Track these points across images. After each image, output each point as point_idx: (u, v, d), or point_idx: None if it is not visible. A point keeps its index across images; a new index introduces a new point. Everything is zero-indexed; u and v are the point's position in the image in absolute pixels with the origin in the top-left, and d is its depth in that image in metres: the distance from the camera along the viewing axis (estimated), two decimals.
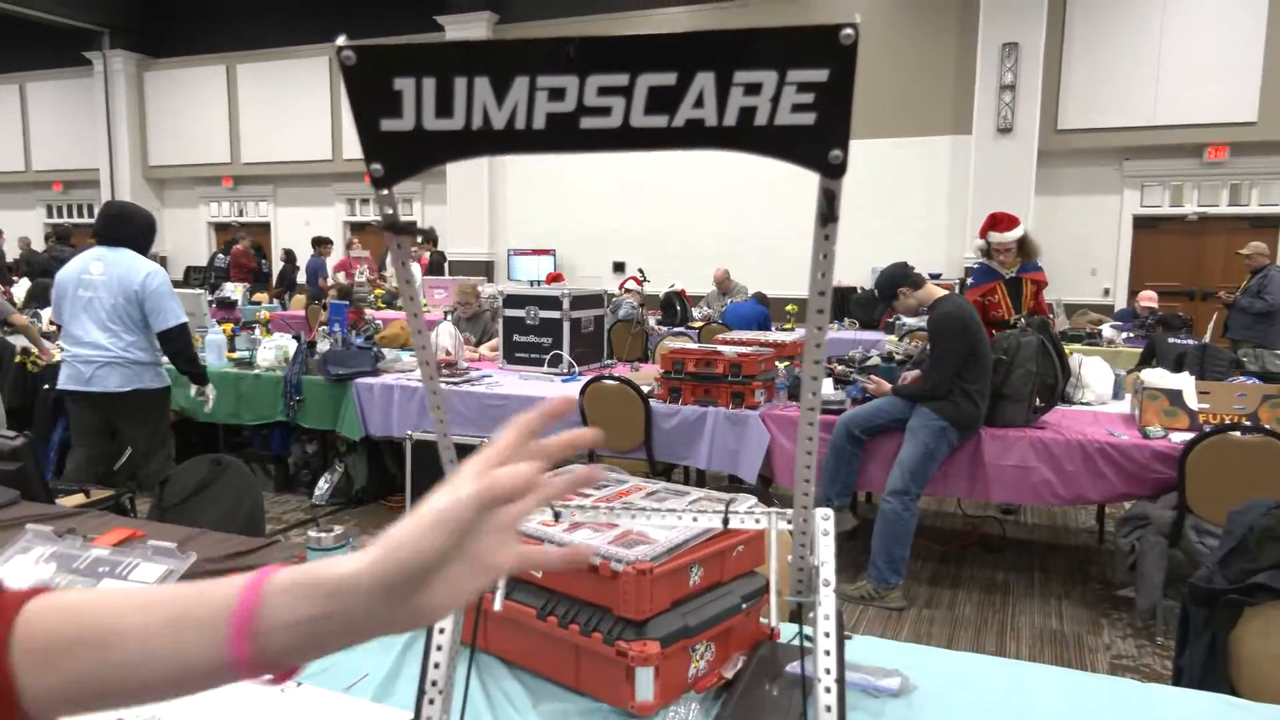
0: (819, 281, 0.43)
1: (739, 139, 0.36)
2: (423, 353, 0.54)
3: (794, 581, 0.64)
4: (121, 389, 3.83)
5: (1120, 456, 3.49)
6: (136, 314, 3.80)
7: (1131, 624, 3.62)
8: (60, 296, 3.85)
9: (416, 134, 0.40)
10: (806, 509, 0.56)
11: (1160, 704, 1.38)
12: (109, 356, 3.80)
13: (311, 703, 1.06)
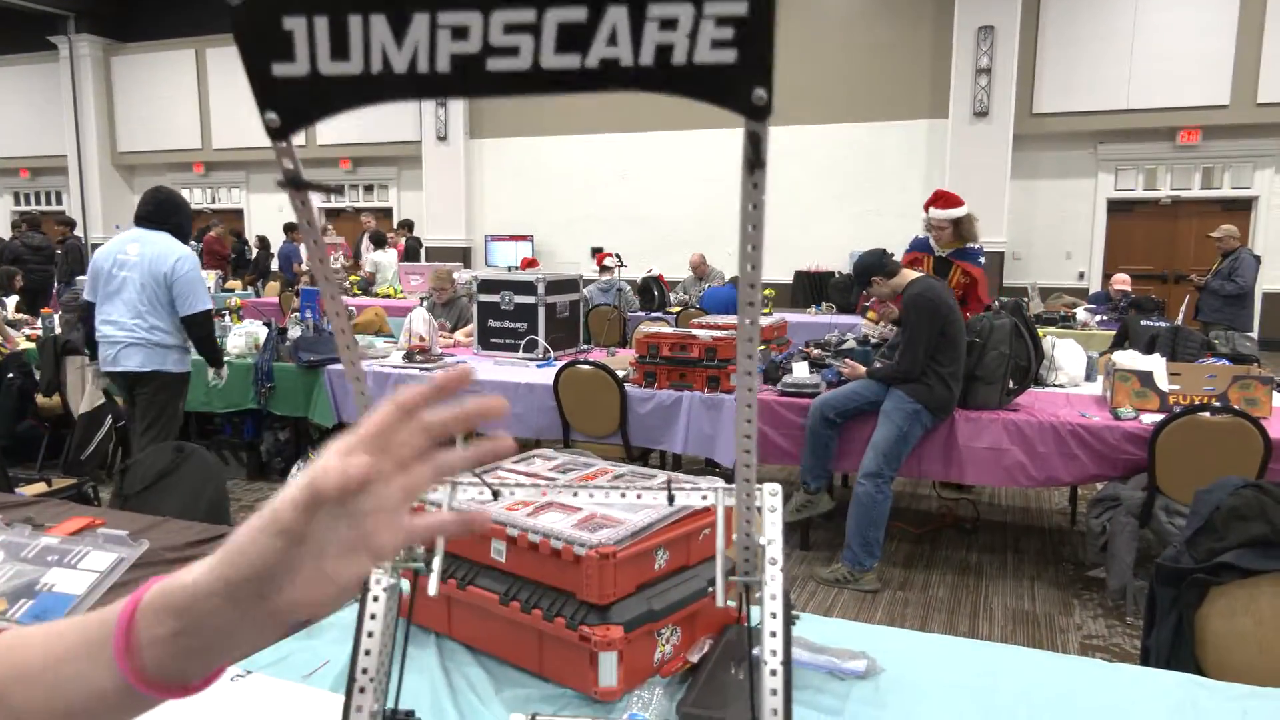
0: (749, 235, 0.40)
1: (657, 80, 0.34)
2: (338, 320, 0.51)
3: (741, 560, 0.61)
4: (142, 369, 3.95)
5: (1092, 438, 3.51)
6: (165, 296, 3.92)
7: (1102, 604, 3.65)
8: (95, 276, 3.97)
9: (312, 79, 0.37)
10: (749, 484, 0.54)
11: (1127, 683, 1.38)
12: (133, 337, 3.92)
13: (260, 693, 1.03)
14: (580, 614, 1.31)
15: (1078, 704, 1.32)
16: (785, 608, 0.59)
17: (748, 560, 0.61)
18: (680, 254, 10.55)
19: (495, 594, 1.40)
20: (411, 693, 1.35)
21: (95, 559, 1.31)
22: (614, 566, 1.30)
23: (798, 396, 4.05)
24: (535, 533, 1.35)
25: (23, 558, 1.33)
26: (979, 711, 1.29)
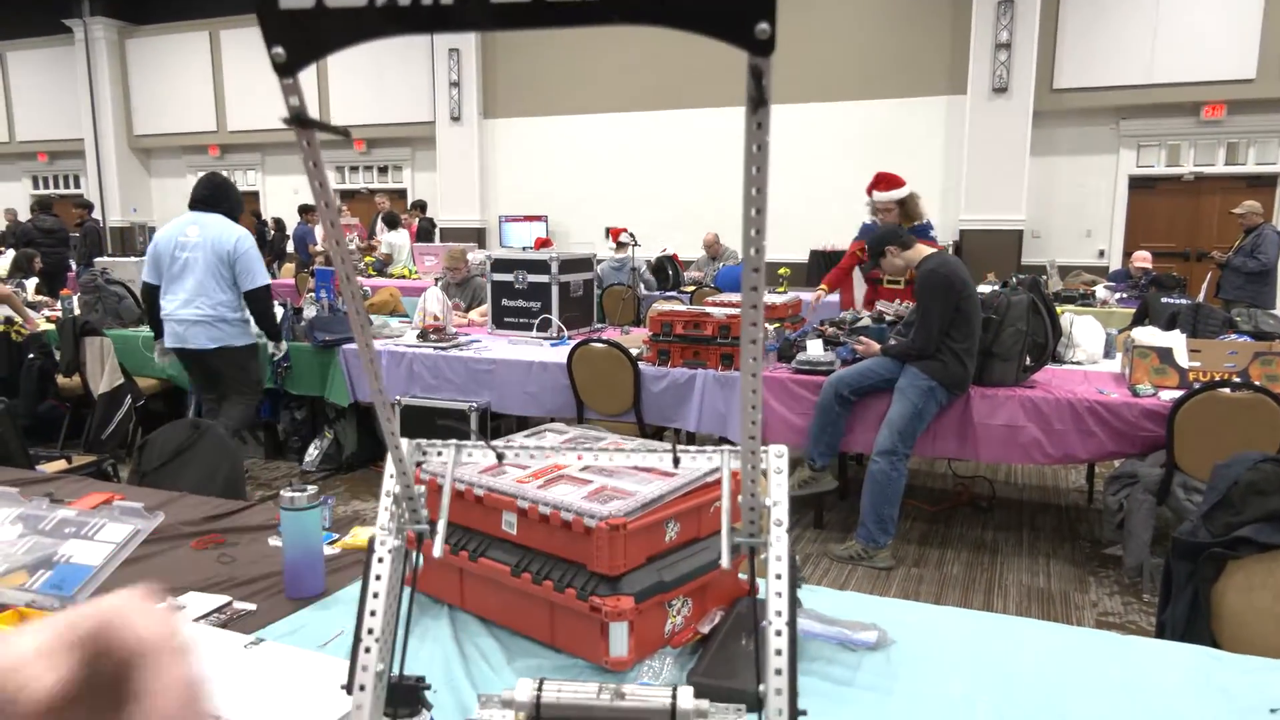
0: (753, 177, 0.39)
1: (658, 12, 0.33)
2: (348, 285, 0.51)
3: (745, 523, 0.61)
4: (210, 346, 4.25)
5: (1109, 415, 3.48)
6: (228, 274, 4.21)
7: (1118, 581, 3.64)
8: (157, 259, 4.24)
9: (318, 12, 0.36)
10: (755, 440, 0.54)
11: (1142, 656, 1.38)
12: (200, 316, 4.22)
13: (273, 658, 1.05)
14: (591, 585, 1.32)
15: (1092, 676, 1.31)
16: (791, 569, 0.59)
17: (753, 522, 0.60)
18: (694, 233, 10.50)
19: (507, 566, 1.40)
20: (424, 662, 1.36)
21: (112, 531, 1.32)
22: (624, 538, 1.30)
23: (812, 374, 4.04)
24: (546, 505, 1.36)
25: (40, 530, 1.35)
26: (992, 683, 1.29)
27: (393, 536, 0.66)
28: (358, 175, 14.59)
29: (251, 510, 2.03)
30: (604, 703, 0.80)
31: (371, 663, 0.61)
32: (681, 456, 0.66)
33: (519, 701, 0.80)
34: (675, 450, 0.66)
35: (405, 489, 0.65)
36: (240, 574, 1.67)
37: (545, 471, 1.49)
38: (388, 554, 0.65)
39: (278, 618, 1.49)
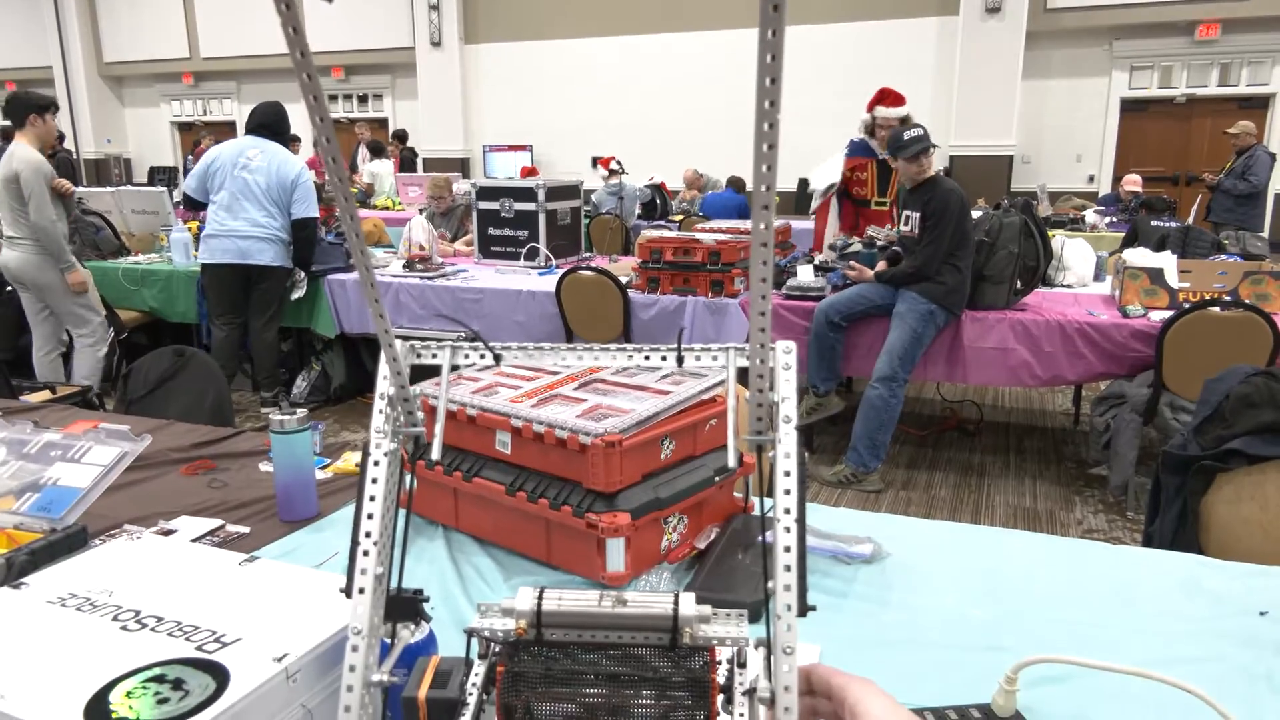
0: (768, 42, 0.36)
1: None
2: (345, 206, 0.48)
3: (752, 420, 0.59)
4: (272, 264, 4.50)
5: (1099, 336, 3.49)
6: (285, 200, 4.47)
7: (1103, 500, 3.70)
8: (215, 174, 4.44)
9: None
10: (764, 335, 0.51)
11: (1131, 564, 1.39)
12: (266, 233, 4.45)
13: (268, 574, 1.04)
14: (587, 502, 1.31)
15: (1082, 584, 1.33)
16: (800, 466, 0.57)
17: (760, 419, 0.59)
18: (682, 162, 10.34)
19: (501, 485, 1.40)
20: (421, 581, 1.36)
21: (98, 454, 1.30)
22: (620, 455, 1.29)
23: (802, 300, 4.02)
24: (540, 423, 1.34)
25: (25, 454, 1.32)
26: (984, 594, 1.30)
27: (388, 439, 0.64)
28: (336, 104, 14.23)
29: (241, 436, 2.01)
30: (605, 610, 0.79)
31: (370, 566, 0.60)
32: (685, 355, 0.64)
33: (519, 610, 0.79)
34: (680, 349, 0.64)
35: (400, 390, 0.63)
36: (232, 498, 1.66)
37: (539, 391, 1.48)
38: (384, 457, 0.63)
39: (271, 540, 1.49)
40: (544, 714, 0.78)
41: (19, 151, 4.16)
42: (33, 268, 4.31)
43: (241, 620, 0.93)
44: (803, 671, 0.60)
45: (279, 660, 0.85)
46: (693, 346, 0.64)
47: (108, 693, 0.80)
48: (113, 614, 0.94)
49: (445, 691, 0.78)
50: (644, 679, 0.78)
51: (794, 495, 0.57)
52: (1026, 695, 0.99)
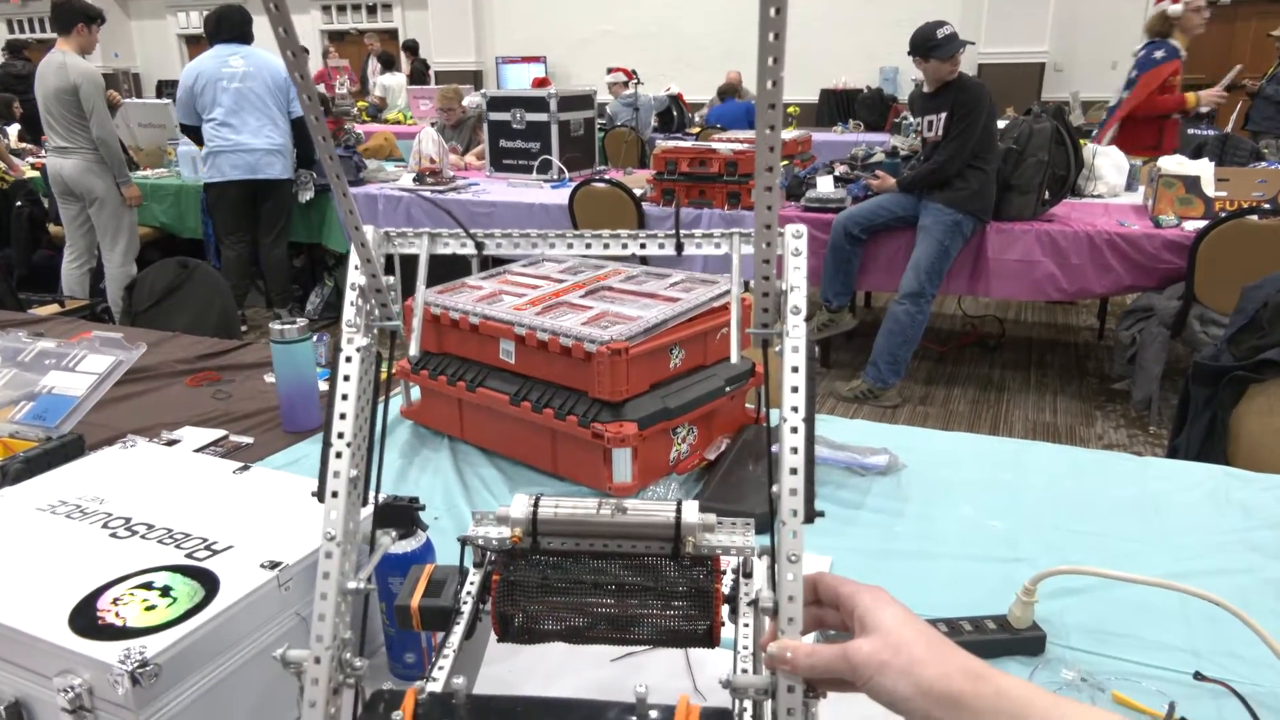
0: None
1: None
2: (322, 144, 0.41)
3: (758, 311, 0.54)
4: (280, 176, 4.37)
5: (1129, 247, 3.37)
6: (284, 102, 4.28)
7: (1125, 415, 3.64)
8: (202, 92, 4.20)
9: None
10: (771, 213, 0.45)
11: (1156, 475, 1.34)
12: (273, 145, 4.29)
13: (263, 484, 1.01)
14: (593, 412, 1.27)
15: (1106, 496, 1.28)
16: (809, 361, 0.52)
17: (766, 310, 0.53)
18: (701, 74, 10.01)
19: (505, 395, 1.36)
20: (425, 491, 1.34)
21: (92, 362, 1.27)
22: (626, 363, 1.24)
23: (821, 212, 3.90)
24: (544, 331, 1.29)
25: (20, 362, 1.30)
26: (1003, 505, 1.26)
27: (360, 334, 0.59)
28: (345, 15, 13.83)
29: (246, 349, 1.98)
30: (604, 518, 0.76)
31: (343, 468, 0.56)
32: (685, 243, 0.58)
33: (514, 517, 0.76)
34: (679, 235, 0.58)
35: (372, 279, 0.58)
36: (236, 409, 1.64)
37: (544, 299, 1.42)
38: (355, 353, 0.59)
39: (275, 450, 1.47)
40: (541, 624, 0.76)
41: (72, 62, 4.10)
42: (91, 178, 4.27)
43: (233, 528, 0.90)
44: (809, 581, 0.56)
45: (271, 568, 0.83)
46: (693, 233, 0.58)
47: (95, 599, 0.78)
48: (102, 521, 0.92)
49: (439, 600, 0.76)
50: (645, 589, 0.75)
51: (802, 393, 0.52)
52: (1045, 607, 0.96)
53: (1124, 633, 0.95)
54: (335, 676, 0.55)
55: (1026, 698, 0.45)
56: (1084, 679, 0.88)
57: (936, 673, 0.47)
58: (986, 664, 0.48)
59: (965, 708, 0.45)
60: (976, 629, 0.94)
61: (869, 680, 0.48)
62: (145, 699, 0.71)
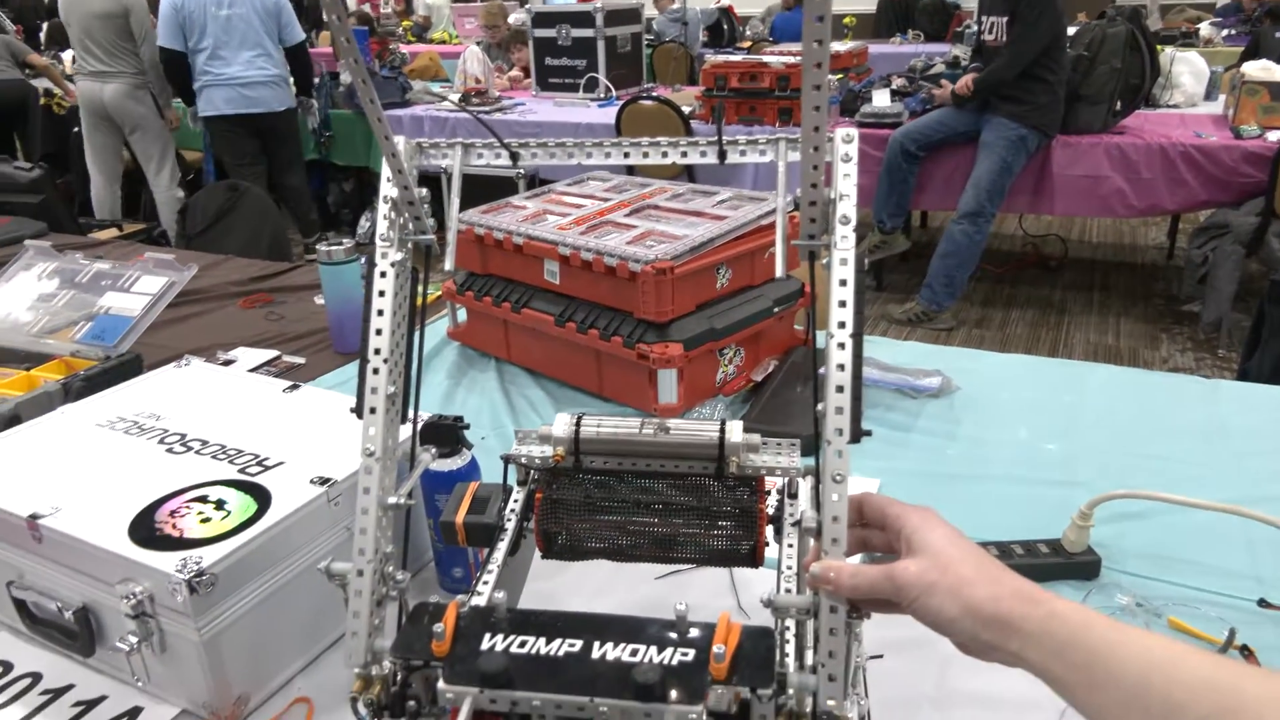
0: None
1: None
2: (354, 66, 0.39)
3: (805, 222, 0.51)
4: (280, 108, 4.18)
5: (1205, 160, 3.19)
6: (274, 29, 4.09)
7: (1192, 338, 3.51)
8: (183, 23, 3.98)
9: None
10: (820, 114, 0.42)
11: (1225, 398, 1.29)
12: (267, 76, 4.09)
13: (312, 402, 1.02)
14: (638, 332, 1.26)
15: (1169, 420, 1.24)
16: (858, 274, 0.50)
17: (814, 220, 0.50)
18: None
19: (550, 315, 1.35)
20: (472, 412, 1.35)
21: (147, 283, 1.29)
22: (672, 283, 1.22)
23: (877, 127, 3.76)
24: (589, 251, 1.27)
25: (77, 283, 1.32)
26: (1060, 428, 1.23)
27: (394, 248, 0.58)
28: None
29: (298, 271, 2.00)
30: (647, 437, 0.75)
31: (380, 385, 0.55)
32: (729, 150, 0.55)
33: (556, 436, 0.75)
34: (721, 143, 0.55)
35: (404, 191, 0.56)
36: (289, 330, 1.66)
37: (588, 218, 1.40)
38: (390, 268, 0.57)
39: (326, 370, 1.49)
40: (584, 541, 0.76)
41: None
42: (133, 103, 4.27)
43: (284, 445, 0.92)
44: (854, 501, 0.54)
45: (321, 484, 0.84)
46: (736, 140, 0.55)
47: (153, 511, 0.80)
48: (159, 437, 0.94)
49: (483, 517, 0.76)
50: (689, 508, 0.75)
51: (850, 307, 0.50)
52: (1101, 532, 0.93)
53: (1183, 559, 0.92)
54: (379, 589, 0.56)
55: (1080, 620, 0.43)
56: (1139, 604, 0.86)
57: (986, 594, 0.45)
58: (1038, 586, 0.46)
59: (1015, 630, 0.44)
60: (1028, 552, 0.92)
61: (915, 600, 0.47)
62: (203, 606, 0.73)
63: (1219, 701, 0.38)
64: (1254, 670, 0.40)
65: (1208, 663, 0.40)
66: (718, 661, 0.48)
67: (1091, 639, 0.42)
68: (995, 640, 0.45)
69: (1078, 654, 0.42)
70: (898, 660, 0.81)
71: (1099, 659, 0.41)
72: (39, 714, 0.80)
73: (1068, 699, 0.43)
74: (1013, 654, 0.44)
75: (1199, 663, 0.40)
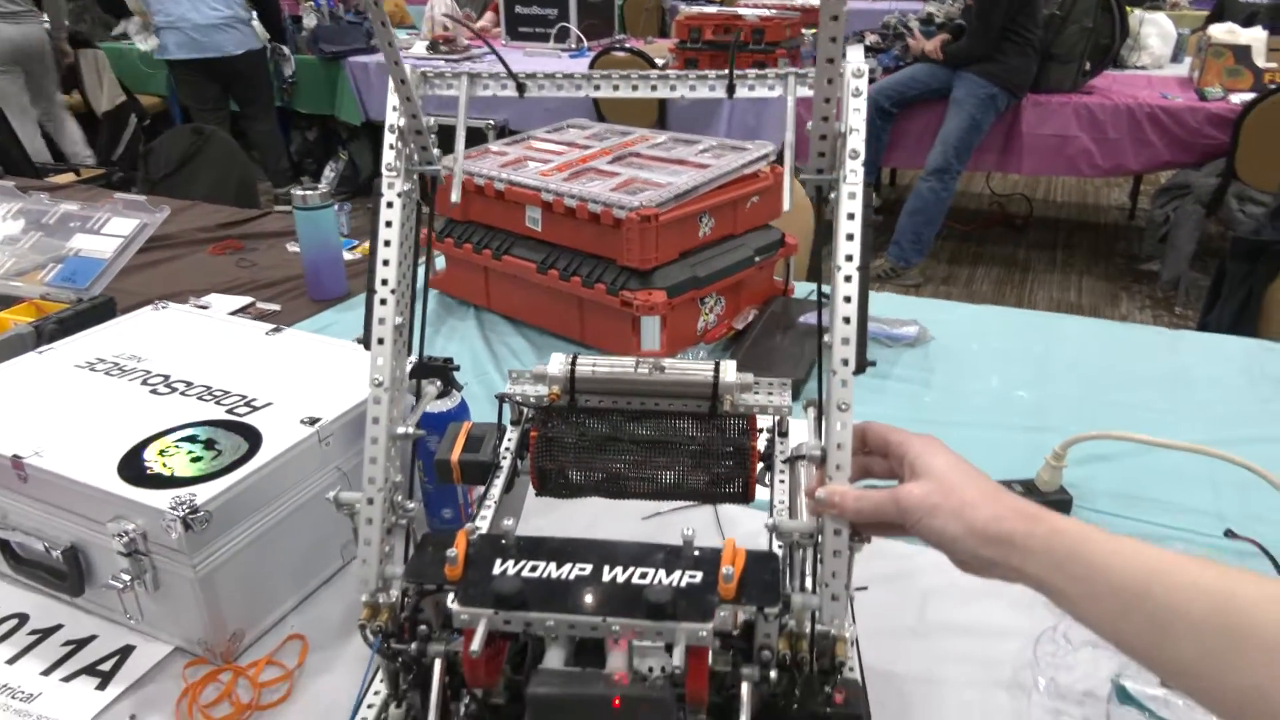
0: None
1: None
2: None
3: (814, 156, 0.52)
4: (240, 50, 3.96)
5: (1170, 121, 3.24)
6: None
7: (1150, 296, 3.59)
8: None
9: None
10: (835, 45, 0.43)
11: (1189, 347, 1.33)
12: (221, 17, 3.88)
13: (296, 345, 1.02)
14: (621, 279, 1.26)
15: (1136, 368, 1.27)
16: (865, 207, 0.50)
17: (823, 155, 0.51)
18: None
19: (532, 263, 1.34)
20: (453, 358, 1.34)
21: (117, 225, 1.26)
22: (656, 230, 1.22)
23: None
24: (572, 197, 1.27)
25: (44, 224, 1.29)
26: (1031, 376, 1.26)
27: (400, 179, 0.57)
28: None
29: (268, 217, 1.96)
30: (642, 376, 0.76)
31: (389, 315, 0.55)
32: (738, 84, 0.55)
33: (552, 375, 0.76)
34: (732, 76, 0.55)
35: (412, 120, 0.56)
36: (261, 277, 1.63)
37: (570, 165, 1.39)
38: (397, 198, 0.57)
39: (302, 318, 1.47)
40: (579, 479, 0.77)
41: None
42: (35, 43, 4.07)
43: (271, 386, 0.91)
44: (857, 429, 0.56)
45: (310, 424, 0.84)
46: (746, 74, 0.55)
47: (141, 450, 0.80)
48: (141, 378, 0.93)
49: (478, 455, 0.77)
50: (682, 446, 0.76)
51: (857, 240, 0.51)
52: (1073, 473, 0.97)
53: (1151, 498, 0.96)
54: (388, 517, 0.56)
55: (1079, 534, 0.45)
56: None
57: (988, 514, 0.47)
58: (1038, 506, 0.48)
59: (1016, 546, 0.46)
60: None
61: (919, 522, 0.49)
62: (198, 543, 0.74)
63: (1214, 603, 0.40)
64: (1247, 574, 0.42)
65: (1202, 568, 0.42)
66: (726, 582, 0.49)
67: (1091, 551, 0.44)
68: (997, 557, 0.47)
69: (1077, 566, 0.44)
70: (880, 593, 0.84)
71: (1098, 570, 0.44)
72: (28, 654, 0.80)
73: (1068, 610, 0.46)
74: (1014, 569, 0.47)
75: (1194, 568, 0.42)
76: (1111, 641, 0.44)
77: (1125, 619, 0.43)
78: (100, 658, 0.80)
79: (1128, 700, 0.72)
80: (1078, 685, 0.75)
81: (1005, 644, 0.80)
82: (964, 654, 0.79)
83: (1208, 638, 0.40)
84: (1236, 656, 0.39)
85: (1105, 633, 0.44)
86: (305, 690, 0.77)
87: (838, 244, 0.51)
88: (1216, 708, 0.40)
